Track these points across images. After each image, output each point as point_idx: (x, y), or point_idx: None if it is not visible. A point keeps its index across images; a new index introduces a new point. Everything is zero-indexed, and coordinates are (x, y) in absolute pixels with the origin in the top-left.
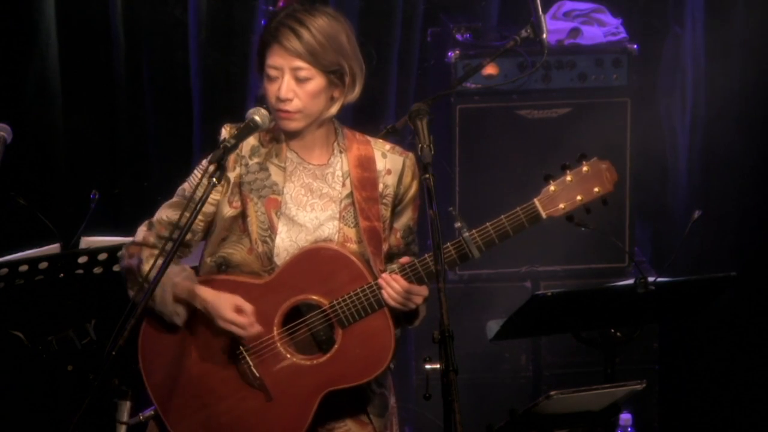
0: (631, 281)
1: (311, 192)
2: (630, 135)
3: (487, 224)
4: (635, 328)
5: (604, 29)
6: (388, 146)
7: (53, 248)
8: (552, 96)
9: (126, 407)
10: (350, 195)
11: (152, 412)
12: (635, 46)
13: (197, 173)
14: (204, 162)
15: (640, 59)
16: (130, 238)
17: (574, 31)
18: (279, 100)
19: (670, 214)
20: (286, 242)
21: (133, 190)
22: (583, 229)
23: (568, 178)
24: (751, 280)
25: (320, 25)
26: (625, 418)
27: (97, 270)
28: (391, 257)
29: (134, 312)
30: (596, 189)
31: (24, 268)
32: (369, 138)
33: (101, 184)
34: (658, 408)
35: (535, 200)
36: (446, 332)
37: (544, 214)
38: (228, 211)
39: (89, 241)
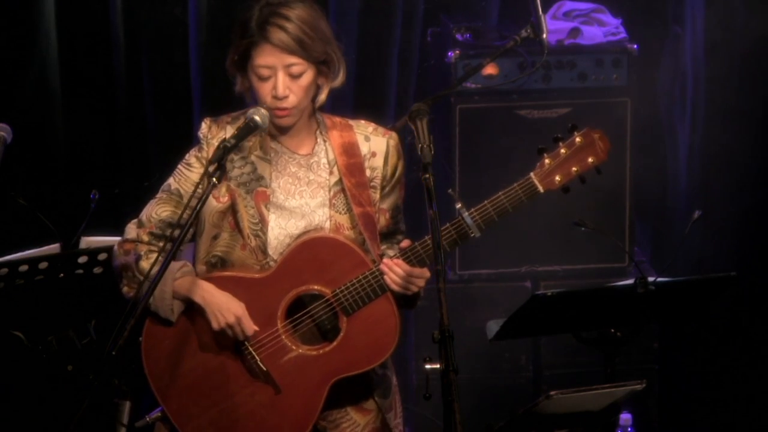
0: (631, 281)
1: (299, 180)
2: (630, 135)
3: (486, 202)
4: (635, 328)
5: (604, 29)
6: (371, 128)
7: (53, 248)
8: (552, 96)
9: (126, 407)
10: (339, 182)
11: (159, 414)
12: (635, 46)
13: (182, 169)
14: (188, 157)
15: (640, 59)
16: None
17: (574, 31)
18: (276, 98)
19: (670, 214)
20: (276, 231)
21: (133, 190)
22: (583, 229)
23: (562, 150)
24: (751, 280)
25: (300, 15)
26: (625, 418)
27: (97, 270)
28: (381, 237)
29: (134, 312)
30: (590, 159)
31: (24, 268)
32: (351, 122)
33: (101, 184)
34: (658, 408)
35: (531, 174)
36: (446, 332)
37: (541, 188)
38: (215, 205)
39: (89, 241)
